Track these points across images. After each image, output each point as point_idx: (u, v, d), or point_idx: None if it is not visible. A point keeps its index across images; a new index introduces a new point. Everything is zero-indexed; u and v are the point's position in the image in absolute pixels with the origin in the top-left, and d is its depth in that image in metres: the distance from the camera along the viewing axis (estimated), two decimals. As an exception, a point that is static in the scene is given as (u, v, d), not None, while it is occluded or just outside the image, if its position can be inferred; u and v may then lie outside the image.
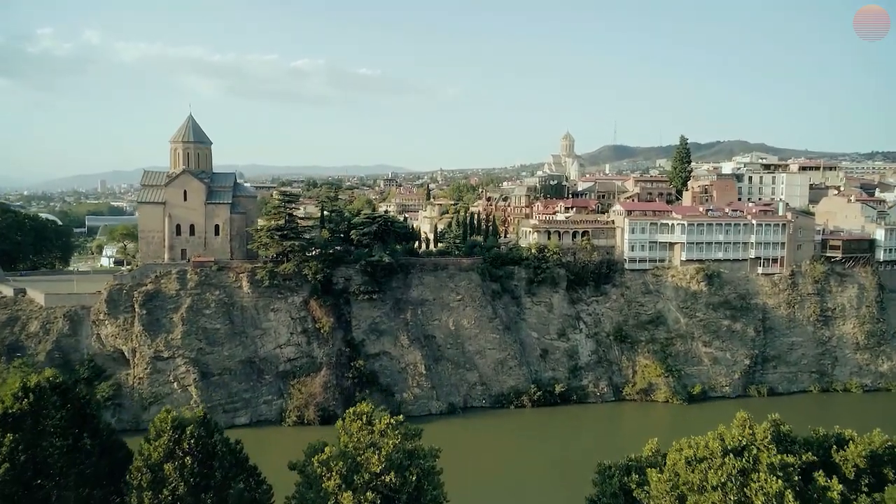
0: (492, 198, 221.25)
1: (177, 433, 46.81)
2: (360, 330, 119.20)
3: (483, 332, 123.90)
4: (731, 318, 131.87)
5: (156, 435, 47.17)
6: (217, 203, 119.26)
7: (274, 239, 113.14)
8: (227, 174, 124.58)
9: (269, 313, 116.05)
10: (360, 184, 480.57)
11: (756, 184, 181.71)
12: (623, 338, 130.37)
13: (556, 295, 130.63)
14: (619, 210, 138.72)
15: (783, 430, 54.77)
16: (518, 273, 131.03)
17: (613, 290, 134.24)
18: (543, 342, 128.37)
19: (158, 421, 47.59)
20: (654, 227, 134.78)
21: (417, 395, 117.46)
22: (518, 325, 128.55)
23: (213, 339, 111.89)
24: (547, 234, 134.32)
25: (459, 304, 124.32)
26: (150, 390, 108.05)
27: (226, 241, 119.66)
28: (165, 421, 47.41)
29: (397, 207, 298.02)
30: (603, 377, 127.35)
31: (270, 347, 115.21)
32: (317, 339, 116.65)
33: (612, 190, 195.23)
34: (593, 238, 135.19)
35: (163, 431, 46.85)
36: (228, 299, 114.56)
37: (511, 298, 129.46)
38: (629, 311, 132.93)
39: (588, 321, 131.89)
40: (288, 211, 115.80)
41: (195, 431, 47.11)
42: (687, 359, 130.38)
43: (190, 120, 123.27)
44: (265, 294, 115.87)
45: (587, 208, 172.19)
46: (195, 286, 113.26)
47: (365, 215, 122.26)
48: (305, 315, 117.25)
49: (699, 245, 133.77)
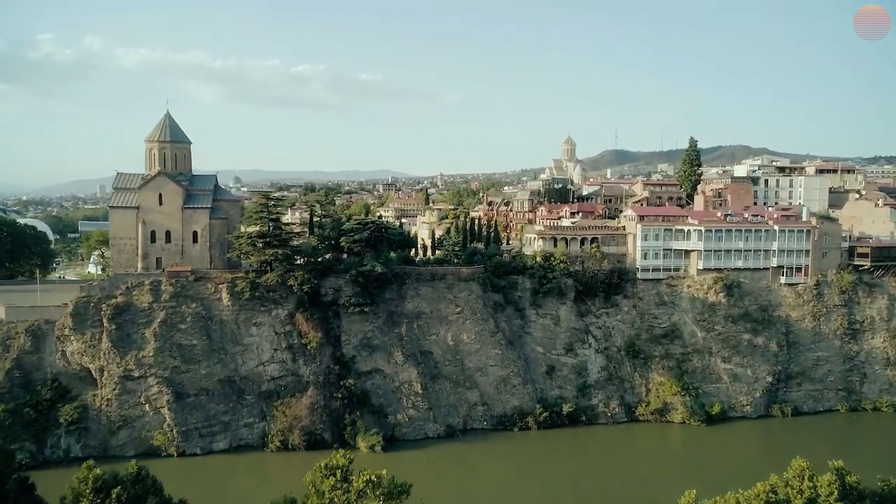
0: (493, 202, 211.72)
1: (100, 497, 37.08)
2: (350, 345, 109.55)
3: (484, 347, 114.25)
4: (751, 331, 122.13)
5: (73, 499, 37.48)
6: (195, 208, 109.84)
7: (256, 247, 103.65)
8: (207, 176, 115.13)
9: (251, 328, 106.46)
10: (360, 189, 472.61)
11: (772, 187, 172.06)
12: (635, 353, 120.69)
13: (564, 307, 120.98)
14: (630, 215, 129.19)
15: (850, 482, 45.11)
16: (522, 283, 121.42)
17: (625, 301, 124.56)
18: (549, 358, 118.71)
19: (77, 481, 37.90)
20: (668, 233, 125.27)
21: (413, 417, 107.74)
22: (522, 339, 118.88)
23: (189, 356, 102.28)
24: (553, 240, 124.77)
25: (459, 317, 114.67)
26: (118, 413, 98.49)
27: (205, 249, 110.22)
28: (86, 481, 37.71)
29: (396, 212, 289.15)
30: (614, 396, 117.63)
31: (252, 365, 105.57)
32: (303, 356, 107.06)
33: (620, 194, 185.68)
34: (603, 245, 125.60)
35: (82, 496, 37.15)
36: (206, 313, 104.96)
37: (514, 311, 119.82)
38: (642, 325, 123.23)
39: (598, 335, 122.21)
40: (271, 216, 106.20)
41: (124, 495, 37.38)
42: (705, 376, 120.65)
43: (167, 118, 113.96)
44: (247, 307, 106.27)
45: (594, 213, 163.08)
46: (170, 298, 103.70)
47: (356, 221, 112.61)
48: (291, 329, 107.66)
49: (717, 253, 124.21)
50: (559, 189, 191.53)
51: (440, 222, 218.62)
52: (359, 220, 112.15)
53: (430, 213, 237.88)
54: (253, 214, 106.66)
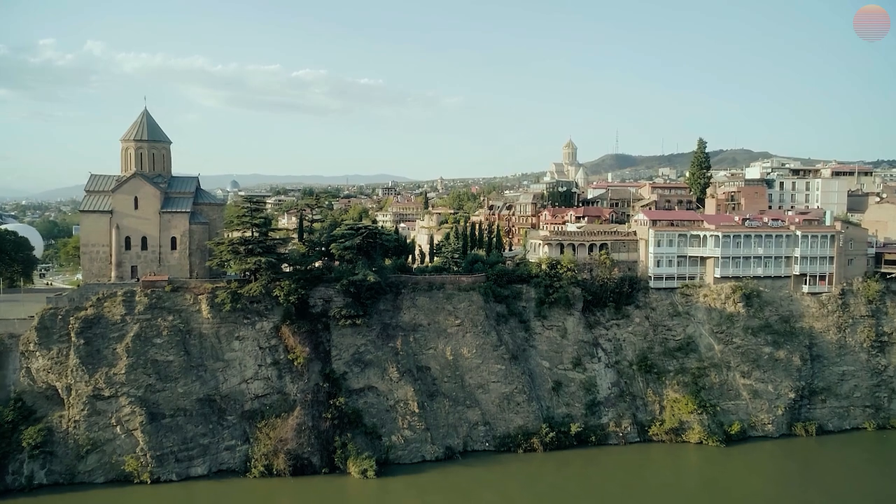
0: (494, 206, 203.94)
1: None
2: (341, 361, 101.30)
3: (486, 362, 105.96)
4: (772, 344, 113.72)
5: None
6: (174, 212, 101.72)
7: (238, 254, 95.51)
8: (187, 178, 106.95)
9: (234, 342, 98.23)
10: (359, 193, 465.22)
11: (787, 190, 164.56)
12: (648, 367, 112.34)
13: (571, 318, 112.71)
14: (641, 219, 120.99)
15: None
16: (526, 293, 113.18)
17: (636, 311, 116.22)
18: (556, 373, 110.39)
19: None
20: (682, 238, 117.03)
21: (409, 439, 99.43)
22: (527, 353, 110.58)
23: (165, 373, 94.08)
24: (559, 247, 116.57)
25: (458, 330, 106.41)
26: (87, 436, 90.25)
27: (184, 257, 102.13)
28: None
29: (394, 217, 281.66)
30: (626, 414, 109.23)
31: (234, 383, 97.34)
32: (289, 373, 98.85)
33: (627, 198, 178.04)
34: (612, 252, 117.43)
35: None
36: (184, 326, 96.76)
37: (518, 322, 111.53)
38: (655, 337, 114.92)
39: (608, 348, 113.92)
40: (254, 221, 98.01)
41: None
42: (722, 392, 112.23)
43: (144, 116, 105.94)
44: (228, 319, 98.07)
45: (600, 217, 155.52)
46: (144, 310, 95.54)
47: (347, 226, 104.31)
48: (276, 344, 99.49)
49: (735, 260, 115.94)
50: (563, 192, 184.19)
51: (439, 227, 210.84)
52: (350, 226, 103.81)
53: (429, 218, 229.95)
54: (234, 219, 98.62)
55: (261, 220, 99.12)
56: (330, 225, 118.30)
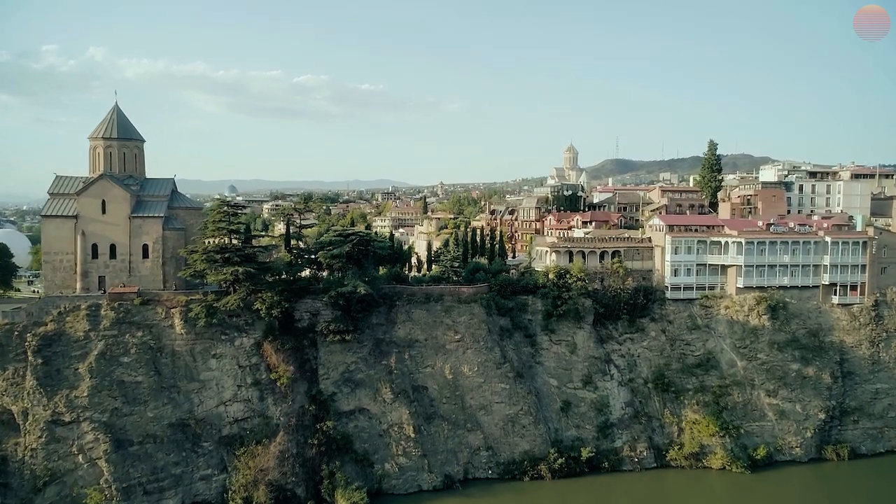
0: (496, 211, 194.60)
1: None
2: (329, 381, 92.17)
3: (488, 380, 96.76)
4: (800, 360, 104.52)
5: None
6: (146, 217, 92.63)
7: (213, 263, 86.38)
8: (162, 180, 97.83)
9: (210, 360, 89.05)
10: (359, 198, 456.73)
11: (807, 193, 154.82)
12: (665, 386, 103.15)
13: (581, 332, 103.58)
14: (657, 224, 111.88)
15: None
16: (533, 304, 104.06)
17: (652, 325, 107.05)
18: (565, 392, 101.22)
19: None
20: (702, 245, 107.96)
21: (404, 466, 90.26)
22: (533, 370, 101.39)
23: (133, 395, 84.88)
24: (568, 254, 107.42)
25: (458, 346, 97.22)
26: (45, 465, 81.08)
27: (157, 266, 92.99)
28: None
29: (393, 222, 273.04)
30: (641, 437, 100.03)
31: (211, 405, 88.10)
32: (272, 394, 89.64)
33: (636, 202, 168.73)
34: (625, 260, 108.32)
35: None
36: (155, 343, 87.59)
37: (524, 337, 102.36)
38: (672, 352, 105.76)
39: (621, 364, 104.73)
40: (232, 227, 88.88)
41: None
42: (746, 412, 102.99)
43: (115, 112, 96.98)
44: (204, 335, 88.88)
45: (608, 223, 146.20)
46: (111, 325, 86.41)
47: (335, 232, 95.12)
48: (258, 362, 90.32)
49: (759, 268, 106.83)
50: (569, 196, 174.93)
51: (439, 233, 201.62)
52: (339, 231, 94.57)
53: (428, 223, 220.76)
54: (210, 225, 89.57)
55: (238, 225, 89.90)
56: (320, 231, 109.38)
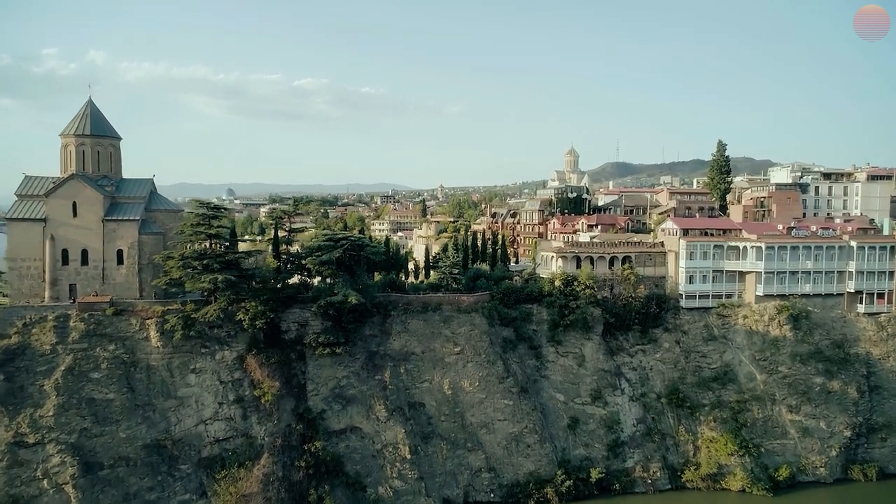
0: (497, 214, 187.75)
1: None
2: (318, 397, 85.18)
3: (490, 396, 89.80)
4: (824, 373, 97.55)
5: None
6: (120, 220, 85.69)
7: (190, 270, 79.46)
8: (140, 181, 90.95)
9: (189, 376, 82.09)
10: (358, 201, 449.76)
11: (823, 195, 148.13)
12: (680, 401, 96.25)
13: (590, 343, 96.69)
14: (670, 228, 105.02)
15: None
16: (538, 314, 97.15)
17: (665, 335, 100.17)
18: (572, 408, 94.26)
19: None
20: (718, 250, 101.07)
21: (399, 490, 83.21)
22: (538, 385, 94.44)
23: (104, 414, 77.94)
24: (576, 260, 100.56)
25: (458, 359, 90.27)
26: (6, 492, 73.96)
27: (132, 274, 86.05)
28: None
29: (391, 226, 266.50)
30: (654, 457, 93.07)
31: (189, 424, 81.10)
32: (256, 412, 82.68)
33: (643, 204, 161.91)
34: (636, 266, 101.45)
35: None
36: (129, 357, 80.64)
37: (528, 349, 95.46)
38: (687, 365, 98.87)
39: (632, 378, 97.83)
40: (211, 231, 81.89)
41: None
42: (767, 430, 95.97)
43: (88, 106, 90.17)
44: (183, 349, 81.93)
45: (615, 226, 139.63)
46: (80, 338, 79.50)
47: (324, 236, 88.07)
48: (241, 377, 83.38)
49: (780, 275, 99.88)
50: (573, 199, 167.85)
51: (438, 236, 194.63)
52: (328, 236, 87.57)
53: (427, 227, 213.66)
54: (186, 230, 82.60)
55: (219, 229, 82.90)
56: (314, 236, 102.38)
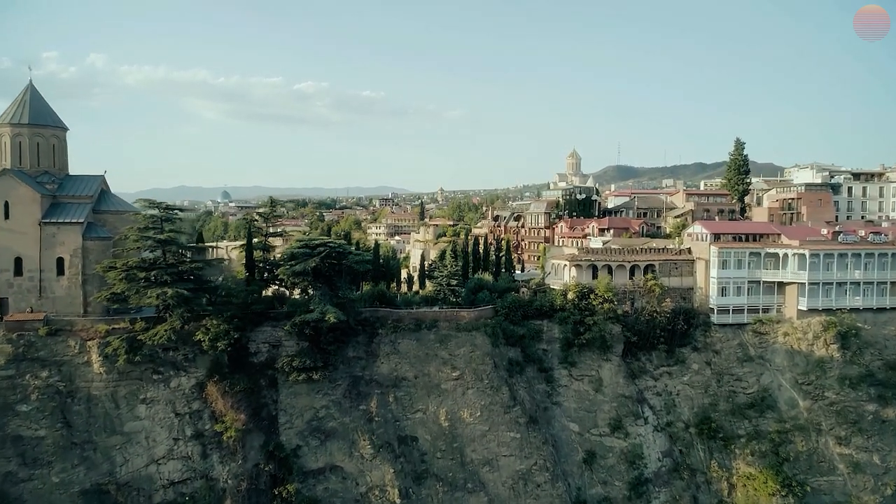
0: (500, 217, 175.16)
1: None
2: (292, 431, 72.61)
3: (494, 428, 77.08)
4: (877, 399, 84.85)
5: None
6: (61, 223, 73.11)
7: (135, 282, 66.88)
8: (88, 178, 78.35)
9: (138, 407, 69.48)
10: (356, 204, 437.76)
11: (857, 197, 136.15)
12: (712, 431, 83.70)
13: (608, 365, 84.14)
14: (698, 232, 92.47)
15: None
16: (548, 331, 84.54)
17: (694, 355, 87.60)
18: (588, 440, 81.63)
19: None
20: (755, 258, 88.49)
21: (387, 541, 70.58)
22: (549, 413, 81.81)
23: (34, 455, 65.40)
24: (591, 269, 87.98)
25: (457, 385, 77.61)
26: (-87, 550, 61.55)
27: (75, 286, 73.37)
28: None
29: (388, 229, 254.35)
30: (683, 496, 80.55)
31: (138, 465, 68.47)
32: (218, 449, 70.05)
33: (658, 206, 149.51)
34: (660, 276, 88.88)
35: None
36: (66, 385, 68.09)
37: (538, 372, 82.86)
38: (719, 390, 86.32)
39: (657, 405, 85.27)
40: (162, 236, 69.28)
41: None
42: (811, 464, 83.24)
43: (28, 92, 77.60)
44: (131, 375, 69.37)
45: (628, 230, 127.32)
46: (6, 363, 66.96)
47: (300, 242, 75.18)
48: (200, 408, 70.75)
49: (826, 287, 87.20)
50: (582, 200, 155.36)
51: (436, 241, 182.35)
52: (303, 242, 74.79)
53: (425, 230, 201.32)
54: (131, 234, 69.97)
55: (171, 234, 70.18)
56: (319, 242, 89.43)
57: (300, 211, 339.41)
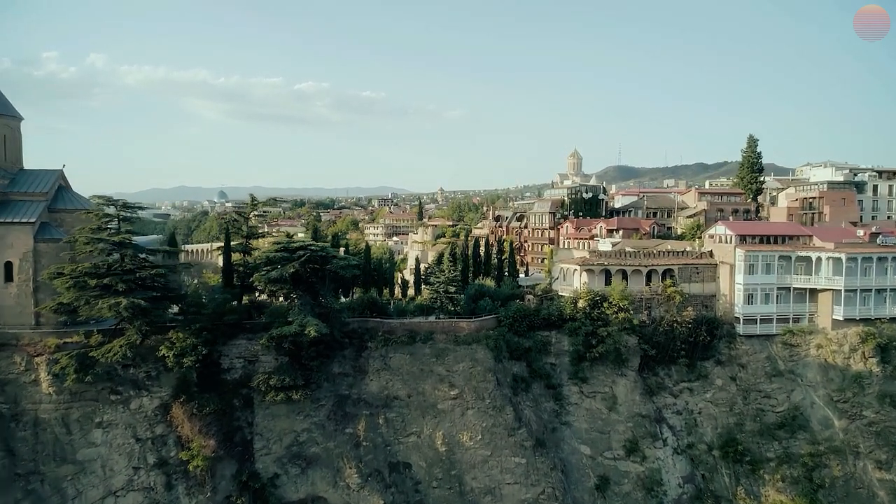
0: (501, 217, 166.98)
1: None
2: (269, 457, 64.47)
3: (497, 452, 68.87)
4: (921, 418, 76.66)
5: None
6: (10, 223, 64.92)
7: (86, 291, 58.70)
8: (43, 172, 69.94)
9: (93, 432, 61.37)
10: (355, 204, 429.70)
11: (883, 195, 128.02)
12: (738, 454, 75.53)
13: (623, 380, 75.97)
14: (722, 234, 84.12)
15: None
16: (557, 343, 76.35)
17: (718, 370, 79.40)
18: (602, 464, 73.44)
19: None
20: (784, 262, 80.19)
21: (376, 582, 62.42)
22: (558, 435, 73.60)
23: (-29, 488, 57.29)
24: (604, 274, 79.70)
25: (455, 405, 69.38)
26: None
27: (25, 294, 65.13)
28: None
29: (386, 229, 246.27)
30: (707, 527, 72.24)
31: (93, 497, 60.36)
32: (184, 479, 61.92)
33: (668, 206, 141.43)
34: (680, 281, 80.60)
35: None
36: (10, 408, 60.03)
37: (545, 389, 74.66)
38: (746, 408, 78.09)
39: (677, 425, 77.08)
40: (116, 238, 61.08)
41: None
42: (849, 491, 74.97)
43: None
44: (85, 395, 61.28)
45: (638, 231, 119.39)
46: (-59, 383, 58.97)
47: (278, 245, 66.56)
48: (164, 433, 62.60)
49: (864, 294, 78.87)
50: (589, 199, 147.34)
51: (435, 242, 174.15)
52: (282, 245, 66.25)
53: (424, 231, 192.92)
54: (80, 236, 61.60)
55: (126, 236, 61.94)
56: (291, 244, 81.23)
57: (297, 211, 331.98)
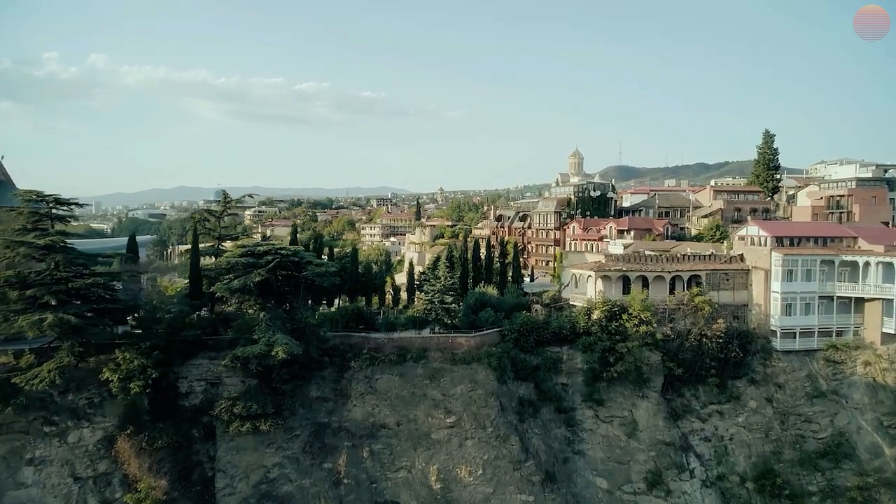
0: (503, 217, 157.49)
1: None
2: (233, 497, 54.92)
3: (501, 489, 59.37)
4: (983, 446, 67.24)
5: None
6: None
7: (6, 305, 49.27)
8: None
9: (23, 470, 51.83)
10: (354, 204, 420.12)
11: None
12: (776, 488, 66.03)
13: (645, 403, 66.46)
14: (755, 235, 74.44)
15: None
16: (569, 360, 66.80)
17: (751, 390, 69.85)
18: (620, 499, 63.96)
19: None
20: (827, 268, 70.68)
21: None
22: (570, 466, 64.07)
23: None
24: (622, 281, 70.15)
25: (452, 434, 59.86)
26: None
27: (-49, 305, 55.62)
28: None
29: (384, 230, 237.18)
30: (742, 573, 62.75)
31: (22, 549, 50.88)
32: (132, 526, 52.37)
33: (682, 205, 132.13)
34: (707, 290, 71.05)
35: None
36: (-78, 442, 50.59)
37: (556, 413, 65.14)
38: (784, 434, 68.56)
39: (705, 453, 67.52)
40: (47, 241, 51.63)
41: None
42: (902, 529, 65.62)
43: None
44: (13, 427, 51.76)
45: (651, 231, 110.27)
46: None
47: (243, 249, 56.65)
48: (108, 471, 53.04)
49: (918, 304, 69.43)
50: (597, 198, 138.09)
51: (433, 243, 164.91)
52: (247, 248, 56.32)
53: (422, 231, 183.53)
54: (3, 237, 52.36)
55: (58, 238, 52.46)
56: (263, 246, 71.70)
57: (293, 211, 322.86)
